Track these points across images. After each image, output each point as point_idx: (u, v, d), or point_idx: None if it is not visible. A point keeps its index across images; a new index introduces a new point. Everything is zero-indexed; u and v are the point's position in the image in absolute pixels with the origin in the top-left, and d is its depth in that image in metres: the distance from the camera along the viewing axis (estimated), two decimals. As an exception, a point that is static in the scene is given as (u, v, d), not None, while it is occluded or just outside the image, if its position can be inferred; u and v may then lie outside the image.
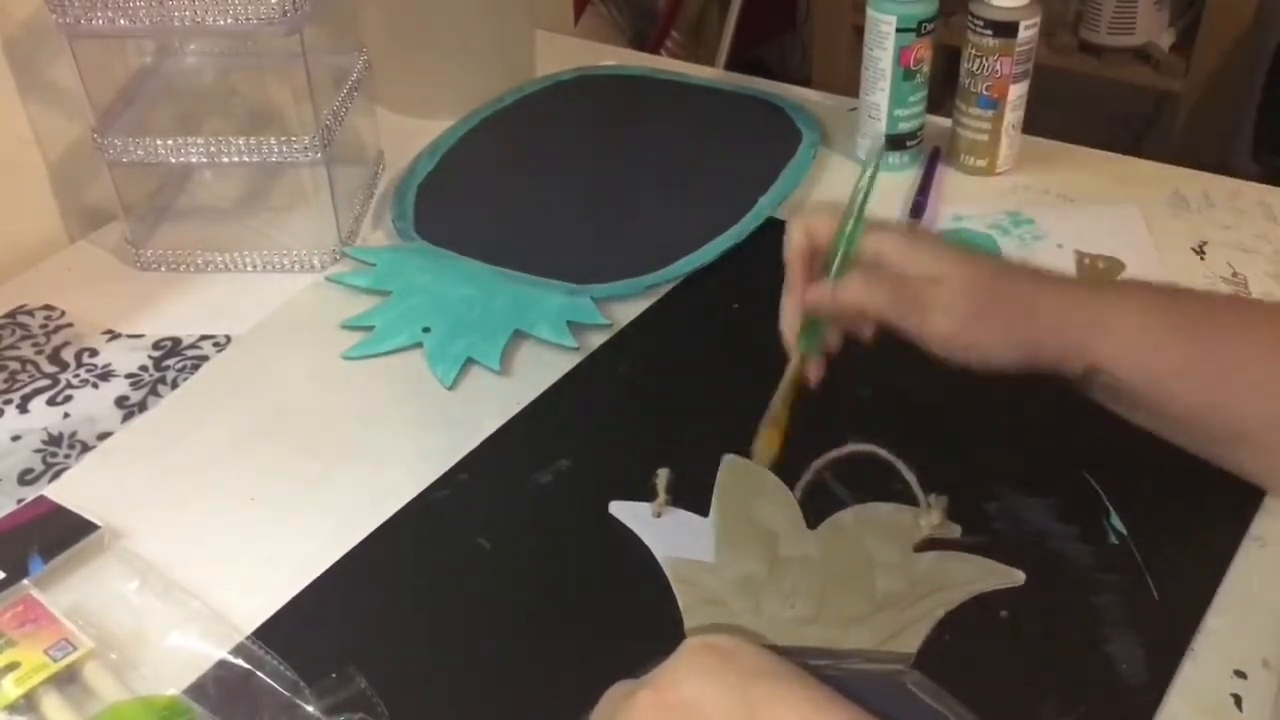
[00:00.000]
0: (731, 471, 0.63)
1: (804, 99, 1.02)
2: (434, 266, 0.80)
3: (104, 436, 0.68)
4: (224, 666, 0.53)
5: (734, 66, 1.59)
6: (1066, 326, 0.57)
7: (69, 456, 0.67)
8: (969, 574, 0.56)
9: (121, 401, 0.71)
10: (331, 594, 0.58)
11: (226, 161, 0.79)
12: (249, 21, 0.74)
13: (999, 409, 0.68)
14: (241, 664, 0.53)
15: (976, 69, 0.87)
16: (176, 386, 0.72)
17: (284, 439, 0.68)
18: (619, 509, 0.61)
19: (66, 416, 0.70)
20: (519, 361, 0.73)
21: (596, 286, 0.78)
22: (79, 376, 0.73)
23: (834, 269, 0.60)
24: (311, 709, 0.51)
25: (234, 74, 0.91)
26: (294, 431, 0.68)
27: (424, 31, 1.00)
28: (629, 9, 1.74)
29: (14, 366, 0.73)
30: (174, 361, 0.74)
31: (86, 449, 0.67)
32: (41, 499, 0.63)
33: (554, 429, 0.68)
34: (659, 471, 0.62)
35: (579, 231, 0.86)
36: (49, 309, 0.79)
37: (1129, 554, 0.58)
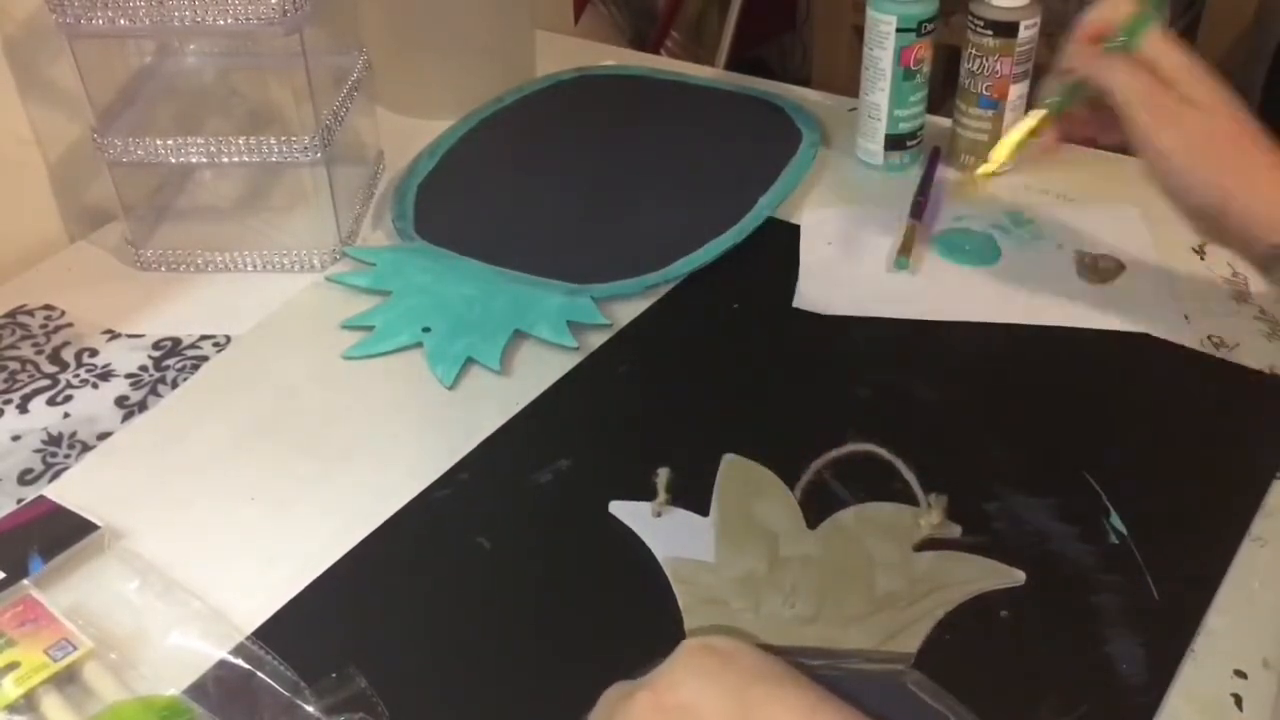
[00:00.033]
0: (731, 471, 0.63)
1: (804, 99, 1.02)
2: (434, 266, 0.80)
3: (104, 436, 0.68)
4: (224, 666, 0.53)
5: (734, 66, 1.59)
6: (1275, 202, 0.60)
7: (69, 456, 0.67)
8: (969, 574, 0.57)
9: (121, 401, 0.71)
10: (331, 594, 0.58)
11: (226, 161, 0.79)
12: (249, 21, 0.74)
13: (999, 409, 0.68)
14: (241, 664, 0.53)
15: (976, 69, 0.87)
16: (176, 386, 0.72)
17: (284, 439, 0.68)
18: (619, 508, 0.61)
19: (66, 416, 0.70)
20: (519, 361, 0.73)
21: (596, 286, 0.78)
22: (79, 376, 0.73)
23: (1112, 46, 0.65)
24: (311, 709, 0.51)
25: (234, 74, 0.91)
26: (294, 431, 0.68)
27: (424, 31, 1.00)
28: (629, 9, 1.74)
29: (14, 366, 0.74)
30: (174, 361, 0.74)
31: (86, 449, 0.67)
32: (41, 499, 0.63)
33: (554, 429, 0.68)
34: (659, 471, 0.62)
35: (579, 231, 0.86)
36: (49, 309, 0.79)
37: (1129, 554, 0.58)
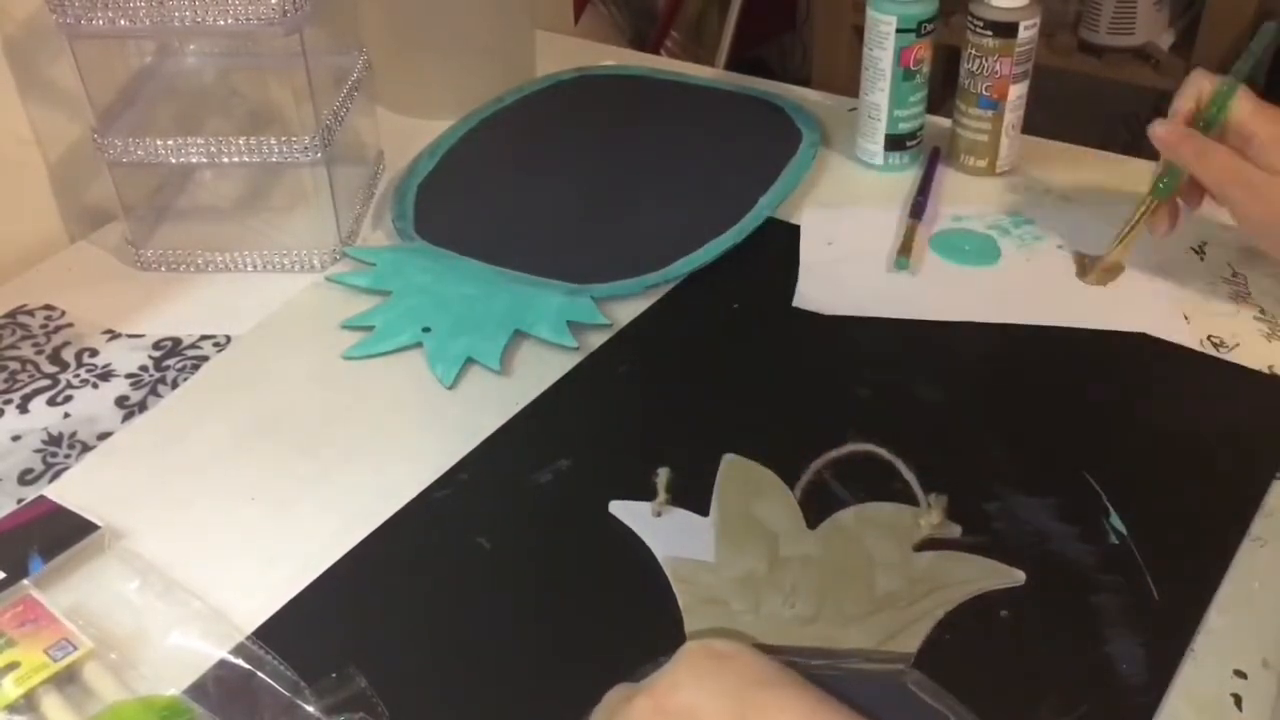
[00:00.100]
0: (731, 471, 0.63)
1: (804, 99, 1.02)
2: (434, 266, 0.80)
3: (104, 436, 0.68)
4: (224, 666, 0.53)
5: (734, 66, 1.59)
6: None
7: (69, 456, 0.67)
8: (969, 574, 0.57)
9: (121, 401, 0.71)
10: (331, 594, 0.58)
11: (226, 161, 0.79)
12: (249, 21, 0.74)
13: (999, 409, 0.68)
14: (242, 664, 0.53)
15: (976, 69, 0.87)
16: (177, 386, 0.72)
17: (284, 439, 0.68)
18: (619, 508, 0.61)
19: (66, 416, 0.70)
20: (519, 361, 0.73)
21: (596, 286, 0.78)
22: (79, 376, 0.73)
23: (1201, 125, 0.69)
24: (311, 709, 0.51)
25: (234, 74, 0.91)
26: (294, 431, 0.68)
27: (424, 31, 1.00)
28: (629, 9, 1.74)
29: (14, 366, 0.74)
30: (174, 361, 0.74)
31: (86, 449, 0.67)
32: (41, 499, 0.63)
33: (554, 429, 0.68)
34: (659, 471, 0.62)
35: (579, 231, 0.86)
36: (49, 309, 0.79)
37: (1129, 554, 0.58)
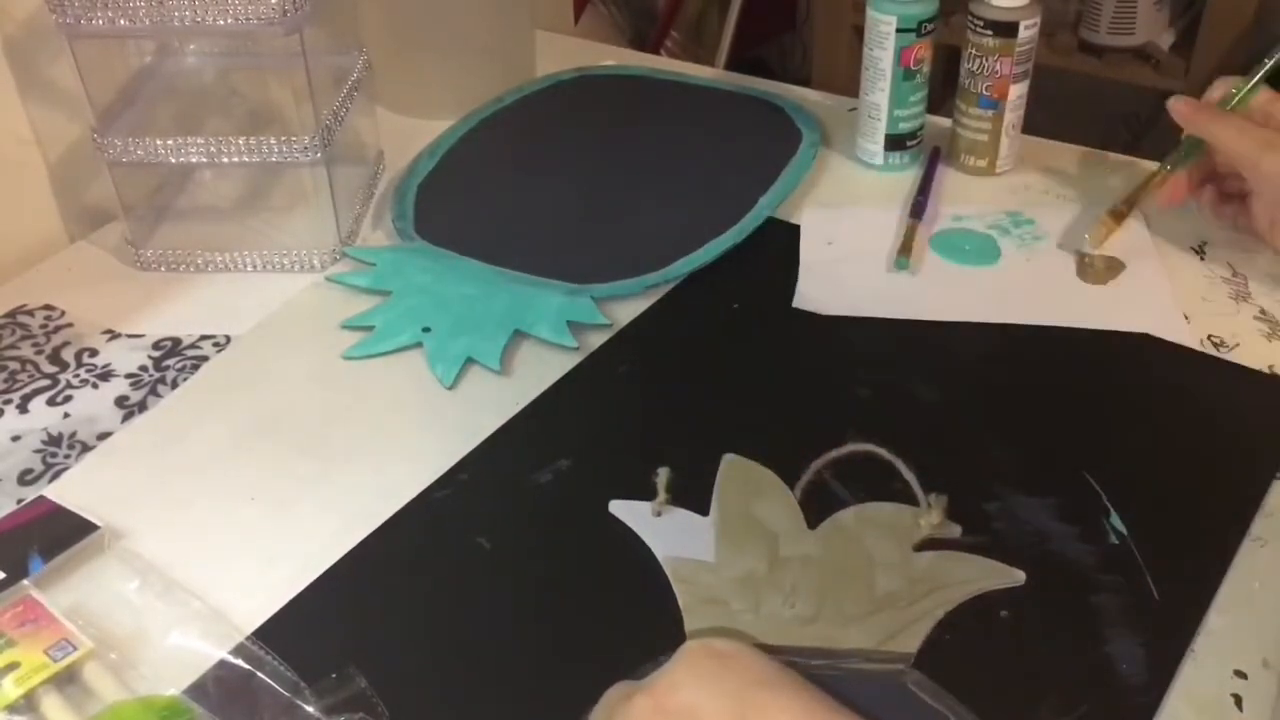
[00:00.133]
0: (731, 471, 0.63)
1: (804, 99, 1.02)
2: (434, 266, 0.80)
3: (104, 436, 0.68)
4: (224, 666, 0.53)
5: (734, 66, 1.59)
6: None
7: (69, 456, 0.67)
8: (969, 574, 0.57)
9: (121, 401, 0.71)
10: (331, 594, 0.58)
11: (226, 161, 0.79)
12: (249, 21, 0.74)
13: (999, 409, 0.68)
14: (241, 664, 0.53)
15: (976, 69, 0.87)
16: (176, 386, 0.72)
17: (284, 439, 0.68)
18: (619, 508, 0.61)
19: (66, 416, 0.70)
20: (519, 361, 0.73)
21: (596, 286, 0.78)
22: (79, 376, 0.73)
23: (1227, 104, 0.73)
24: (311, 709, 0.51)
25: (234, 74, 0.91)
26: (294, 431, 0.68)
27: (424, 31, 1.00)
28: (629, 9, 1.74)
29: (14, 366, 0.74)
30: (174, 361, 0.74)
31: (86, 449, 0.67)
32: (41, 499, 0.63)
33: (554, 429, 0.68)
34: (659, 470, 0.62)
35: (579, 231, 0.86)
36: (49, 309, 0.79)
37: (1129, 554, 0.58)
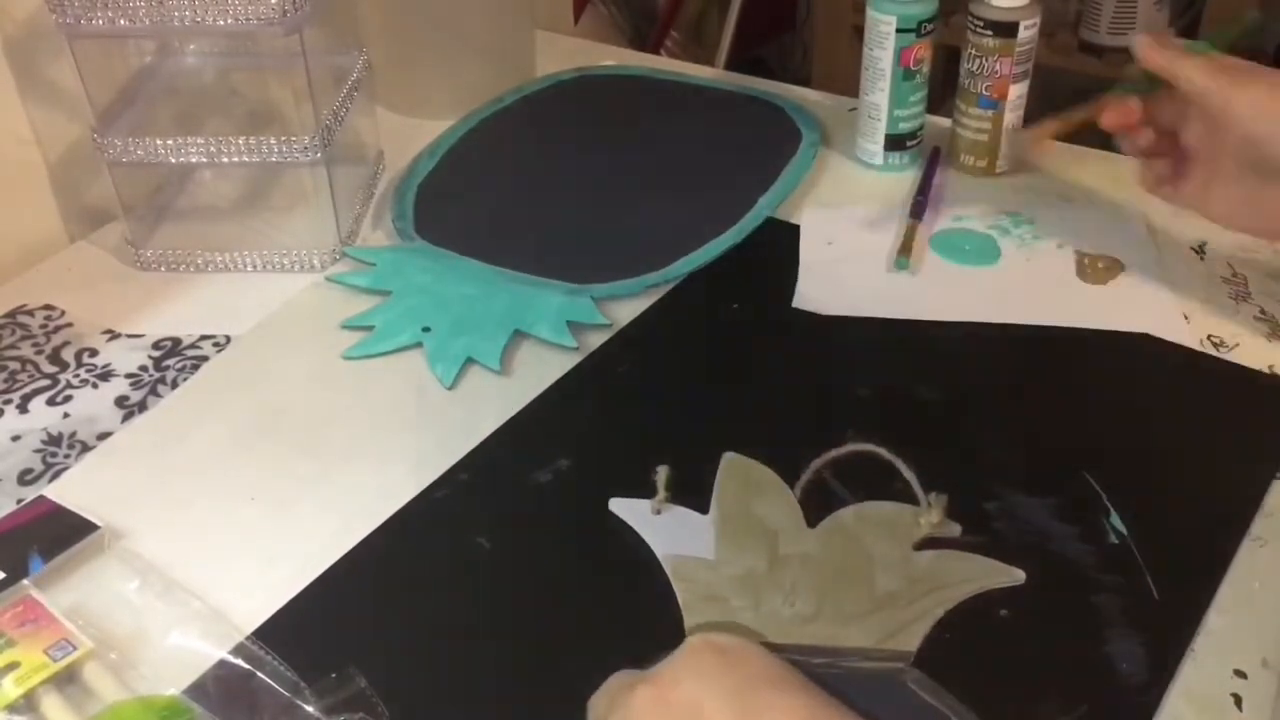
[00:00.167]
0: (731, 469, 0.63)
1: (804, 99, 1.02)
2: (434, 266, 0.80)
3: (104, 436, 0.68)
4: (224, 666, 0.53)
5: (734, 66, 1.59)
6: None
7: (69, 456, 0.67)
8: (969, 573, 0.57)
9: (121, 401, 0.71)
10: (331, 594, 0.58)
11: (226, 161, 0.79)
12: (249, 21, 0.74)
13: (999, 409, 0.68)
14: (241, 664, 0.53)
15: (976, 69, 0.87)
16: (176, 386, 0.72)
17: (284, 439, 0.68)
18: (619, 506, 0.61)
19: (66, 416, 0.70)
20: (519, 361, 0.73)
21: (596, 286, 0.78)
22: (79, 376, 0.73)
23: (1190, 47, 0.69)
24: (311, 709, 0.51)
25: (234, 74, 0.91)
26: (294, 431, 0.68)
27: (424, 31, 1.00)
28: (629, 9, 1.74)
29: (14, 366, 0.74)
30: (174, 361, 0.74)
31: (86, 449, 0.67)
32: (41, 499, 0.63)
33: (554, 429, 0.68)
34: (659, 468, 0.62)
35: (579, 231, 0.86)
36: (49, 309, 0.79)
37: (1129, 554, 0.58)
